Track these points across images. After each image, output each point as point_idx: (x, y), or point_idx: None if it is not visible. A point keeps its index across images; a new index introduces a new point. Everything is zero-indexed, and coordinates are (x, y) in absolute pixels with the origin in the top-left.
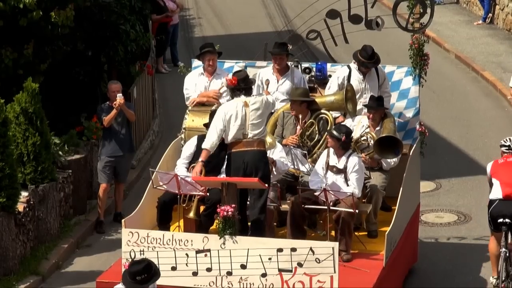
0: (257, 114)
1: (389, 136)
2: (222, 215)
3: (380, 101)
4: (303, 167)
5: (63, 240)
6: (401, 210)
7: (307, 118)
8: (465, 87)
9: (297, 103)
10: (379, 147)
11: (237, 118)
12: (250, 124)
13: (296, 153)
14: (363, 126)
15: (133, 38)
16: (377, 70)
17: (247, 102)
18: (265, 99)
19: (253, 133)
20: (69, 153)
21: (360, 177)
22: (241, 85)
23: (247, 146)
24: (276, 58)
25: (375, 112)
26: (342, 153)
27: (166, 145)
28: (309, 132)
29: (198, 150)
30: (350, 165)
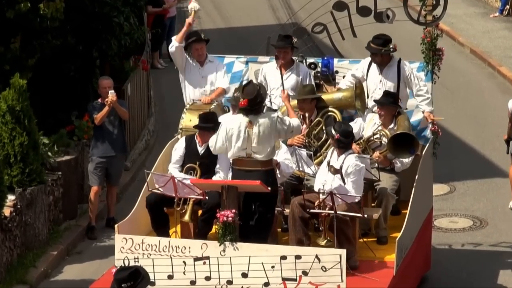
0: (261, 137)
1: (405, 133)
2: (222, 220)
3: (392, 98)
4: (308, 168)
5: (52, 247)
6: (413, 215)
7: (314, 116)
8: (481, 84)
9: (307, 101)
10: (393, 145)
11: (238, 139)
12: (253, 146)
13: (301, 154)
14: (375, 124)
15: (127, 31)
16: (399, 66)
17: (252, 122)
18: (273, 120)
19: (256, 156)
20: (59, 154)
21: (356, 179)
22: (252, 104)
23: (251, 166)
24: (280, 51)
25: (384, 109)
26: (340, 152)
27: (162, 145)
28: (316, 131)
29: (188, 151)
30: (345, 165)
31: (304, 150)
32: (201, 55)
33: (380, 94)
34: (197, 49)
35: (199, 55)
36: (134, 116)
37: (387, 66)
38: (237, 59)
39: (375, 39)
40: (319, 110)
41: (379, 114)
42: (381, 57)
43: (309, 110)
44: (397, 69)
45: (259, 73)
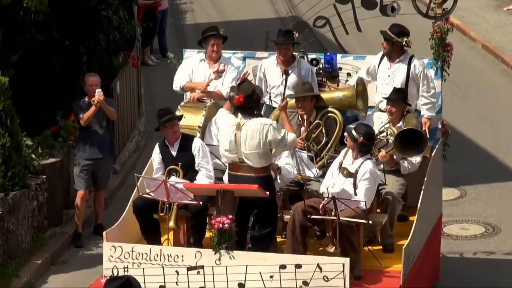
0: (250, 143)
1: (412, 130)
2: (217, 227)
3: (402, 94)
4: (310, 172)
5: (36, 256)
6: (421, 221)
7: (313, 117)
8: (493, 81)
9: (306, 100)
10: (400, 143)
11: (226, 139)
12: (243, 152)
13: (302, 156)
14: (382, 122)
15: (116, 25)
16: (410, 63)
17: (240, 124)
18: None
19: (248, 163)
20: (43, 157)
21: (371, 187)
22: (247, 102)
23: (245, 171)
24: (281, 48)
25: (394, 105)
26: (359, 155)
27: (153, 147)
28: (315, 135)
29: (163, 158)
30: (362, 170)
31: (305, 152)
32: (217, 52)
33: (387, 90)
34: (213, 45)
35: (213, 52)
36: (124, 116)
37: (398, 61)
38: (234, 55)
39: (392, 26)
40: (318, 111)
41: (390, 111)
42: (392, 47)
43: (308, 111)
44: (407, 65)
45: (258, 69)
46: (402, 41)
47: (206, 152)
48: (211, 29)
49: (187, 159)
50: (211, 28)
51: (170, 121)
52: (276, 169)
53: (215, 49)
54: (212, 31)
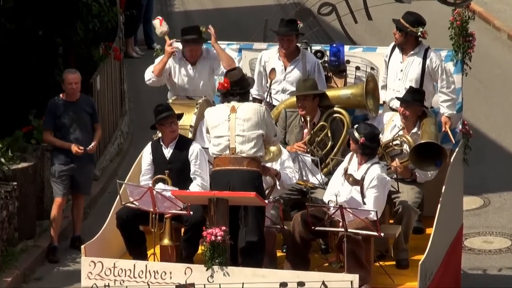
0: (246, 124)
1: (430, 143)
2: (209, 240)
3: (418, 95)
4: (314, 178)
5: (6, 272)
6: (439, 234)
7: (317, 118)
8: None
9: (308, 99)
10: (416, 155)
11: (220, 126)
12: (236, 136)
13: (305, 160)
14: (395, 126)
15: (96, 13)
16: (426, 56)
17: (235, 107)
18: (261, 109)
19: (241, 149)
20: (14, 161)
21: (379, 195)
22: (234, 89)
23: (234, 164)
24: (284, 40)
25: (408, 108)
26: (364, 160)
27: (138, 150)
28: (320, 138)
29: (155, 158)
30: (368, 177)
31: (309, 156)
32: (195, 57)
33: (400, 86)
34: (192, 50)
35: (192, 57)
36: (104, 115)
37: (412, 53)
38: (228, 46)
39: (406, 15)
40: (323, 111)
41: (403, 115)
42: (405, 38)
43: (311, 111)
44: (422, 59)
45: (257, 62)
46: (418, 32)
47: (204, 160)
48: (190, 31)
49: (181, 164)
50: (190, 29)
51: (169, 118)
52: (274, 175)
53: (193, 54)
54: (190, 35)
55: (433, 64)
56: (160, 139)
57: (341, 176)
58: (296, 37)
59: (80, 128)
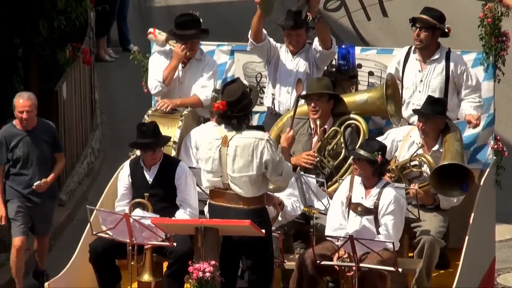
0: (237, 165)
1: (454, 165)
2: (196, 277)
3: (439, 106)
4: (319, 202)
5: None
6: (467, 269)
7: (329, 125)
8: None
9: (323, 98)
10: (437, 179)
11: (208, 160)
12: (230, 175)
13: (309, 182)
14: (413, 143)
15: (62, 8)
16: (449, 59)
17: (227, 138)
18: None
19: (235, 189)
20: None
21: (397, 221)
22: (232, 110)
23: (230, 201)
24: (291, 34)
25: (428, 122)
26: (373, 182)
27: (112, 170)
28: (332, 146)
29: (134, 181)
30: (383, 202)
31: (313, 177)
32: (193, 52)
33: (420, 100)
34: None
35: (190, 51)
36: (71, 129)
37: (432, 59)
38: (218, 48)
39: (427, 11)
40: (336, 118)
41: (422, 130)
42: (432, 37)
43: (324, 114)
44: (445, 64)
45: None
46: (445, 27)
47: (192, 185)
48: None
49: (165, 189)
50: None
51: (152, 147)
52: (278, 204)
53: (191, 48)
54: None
55: (458, 68)
56: (141, 159)
57: (343, 207)
58: (306, 31)
59: (38, 162)
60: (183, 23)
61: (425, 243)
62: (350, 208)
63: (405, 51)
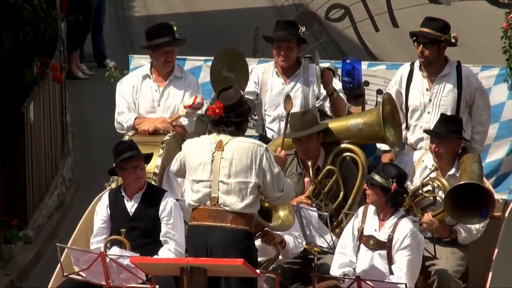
0: (233, 168)
1: (472, 185)
2: None
3: (454, 125)
4: (322, 239)
5: None
6: None
7: (321, 161)
8: None
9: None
10: (453, 203)
11: (200, 167)
12: (220, 183)
13: (310, 215)
14: (426, 168)
15: (29, 18)
16: (461, 75)
17: (222, 142)
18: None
19: (225, 200)
20: None
21: (413, 258)
22: (229, 116)
23: (215, 219)
24: (281, 47)
25: (442, 144)
26: (389, 213)
27: (85, 202)
28: (327, 188)
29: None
30: (398, 235)
31: (315, 210)
32: (170, 64)
33: (430, 122)
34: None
35: (167, 62)
36: (40, 155)
37: (442, 75)
38: (206, 63)
39: (429, 21)
40: (328, 150)
41: (435, 153)
42: (438, 51)
43: (312, 154)
44: (457, 79)
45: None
46: (451, 37)
47: (179, 218)
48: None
49: (149, 223)
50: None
51: (133, 160)
52: (279, 243)
53: (169, 60)
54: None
55: (471, 84)
56: (122, 188)
57: (354, 240)
58: (297, 45)
59: None
60: (153, 32)
61: (441, 284)
62: (362, 241)
63: (407, 69)
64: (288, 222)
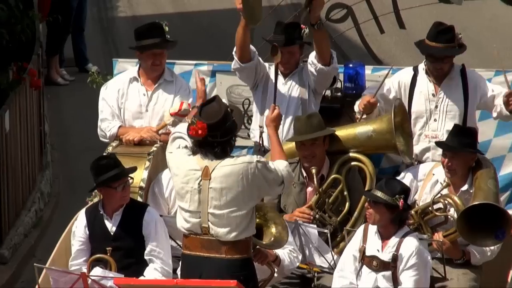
0: (224, 199)
1: (487, 205)
2: None
3: (467, 137)
4: (322, 258)
5: None
6: None
7: (325, 170)
8: None
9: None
10: (466, 223)
11: (186, 196)
12: (210, 213)
13: (309, 233)
14: (437, 182)
15: (4, 19)
16: (466, 78)
17: (209, 169)
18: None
19: (217, 231)
20: None
21: (420, 277)
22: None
23: (209, 250)
24: (282, 52)
25: (456, 158)
26: (393, 231)
27: (65, 219)
28: (332, 198)
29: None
30: (403, 254)
31: (314, 226)
32: (159, 67)
33: (437, 130)
34: (155, 57)
35: (155, 66)
36: (16, 168)
37: (449, 77)
38: (196, 68)
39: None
40: (333, 158)
41: (448, 167)
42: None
43: (319, 160)
44: (462, 81)
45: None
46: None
47: (164, 234)
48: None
49: (132, 241)
50: (150, 28)
51: (120, 178)
52: (273, 260)
53: (157, 63)
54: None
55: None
56: (100, 205)
57: (355, 262)
58: (300, 48)
59: None
60: (142, 32)
61: None
62: (364, 262)
63: (410, 73)
64: (281, 239)
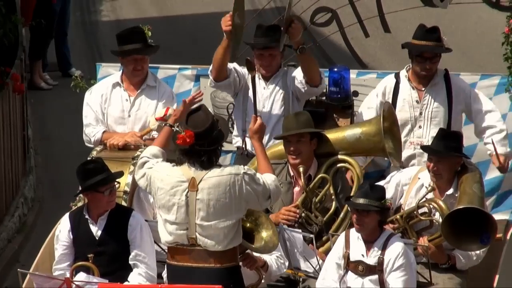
0: (211, 211)
1: (471, 209)
2: None
3: (452, 140)
4: (307, 263)
5: None
6: None
7: (313, 170)
8: None
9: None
10: (451, 228)
11: (171, 209)
12: (198, 224)
13: (294, 237)
14: (422, 186)
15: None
16: (449, 83)
17: (196, 181)
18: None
19: (205, 242)
20: None
21: (408, 278)
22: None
23: (197, 260)
24: (263, 55)
25: (441, 162)
26: (375, 236)
27: (49, 224)
28: (319, 198)
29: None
30: (390, 256)
31: (299, 231)
32: (140, 72)
33: (422, 137)
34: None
35: (136, 71)
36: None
37: (431, 85)
38: (180, 72)
39: (423, 32)
40: (322, 160)
41: (433, 172)
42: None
43: (306, 159)
44: (446, 87)
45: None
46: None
47: (148, 239)
48: (133, 35)
49: (117, 246)
50: (132, 33)
51: (108, 183)
52: (262, 266)
53: (138, 68)
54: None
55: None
56: (85, 209)
57: (339, 269)
58: (281, 52)
59: None
60: (123, 37)
61: None
62: (349, 268)
63: (392, 80)
64: (272, 243)
